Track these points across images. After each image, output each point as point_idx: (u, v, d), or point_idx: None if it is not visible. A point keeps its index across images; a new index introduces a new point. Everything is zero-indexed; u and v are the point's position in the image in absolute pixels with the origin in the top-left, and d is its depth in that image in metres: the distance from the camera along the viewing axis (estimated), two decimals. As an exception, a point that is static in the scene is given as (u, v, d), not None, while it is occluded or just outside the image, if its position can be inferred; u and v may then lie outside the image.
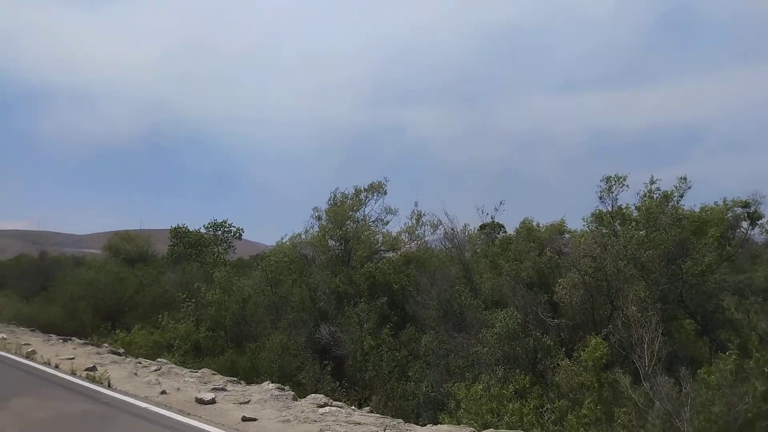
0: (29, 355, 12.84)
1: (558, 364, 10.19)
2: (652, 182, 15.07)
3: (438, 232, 19.07)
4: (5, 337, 16.17)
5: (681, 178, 14.95)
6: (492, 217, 19.78)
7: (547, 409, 9.19)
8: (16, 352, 13.26)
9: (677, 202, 14.74)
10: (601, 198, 15.76)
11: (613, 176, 15.48)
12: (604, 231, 15.27)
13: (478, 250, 18.66)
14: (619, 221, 15.79)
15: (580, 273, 12.22)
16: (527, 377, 10.30)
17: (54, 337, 17.49)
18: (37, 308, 23.79)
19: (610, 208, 15.90)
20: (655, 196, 15.02)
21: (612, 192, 15.66)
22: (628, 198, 15.83)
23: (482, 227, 21.71)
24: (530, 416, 8.99)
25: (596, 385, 8.99)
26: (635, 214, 15.40)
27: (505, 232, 21.54)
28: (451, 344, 12.35)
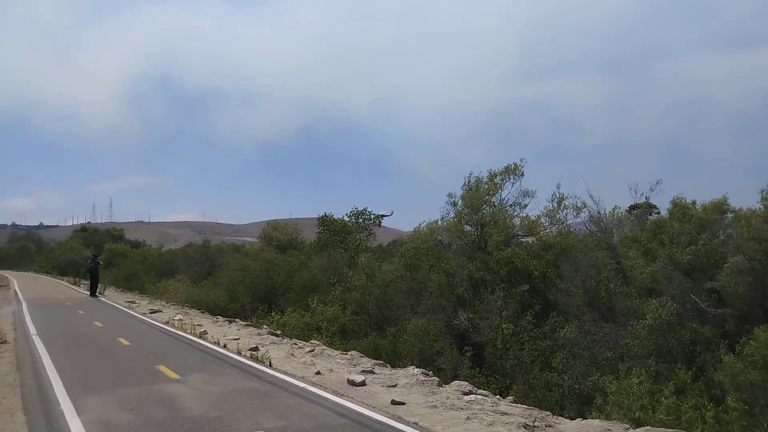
0: (201, 335, 14.45)
1: (720, 359, 9.35)
2: None
3: (582, 215, 18.18)
4: (181, 318, 18.32)
5: None
6: (647, 198, 18.47)
7: (709, 408, 8.48)
8: (190, 332, 14.98)
9: None
10: None
11: None
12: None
13: (628, 234, 17.49)
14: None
15: (747, 258, 11.05)
16: (688, 373, 9.57)
17: (221, 318, 19.47)
18: (204, 292, 26.52)
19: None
20: None
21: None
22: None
23: (632, 208, 20.32)
24: (688, 414, 8.36)
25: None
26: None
27: (658, 213, 19.97)
28: (598, 334, 11.82)
